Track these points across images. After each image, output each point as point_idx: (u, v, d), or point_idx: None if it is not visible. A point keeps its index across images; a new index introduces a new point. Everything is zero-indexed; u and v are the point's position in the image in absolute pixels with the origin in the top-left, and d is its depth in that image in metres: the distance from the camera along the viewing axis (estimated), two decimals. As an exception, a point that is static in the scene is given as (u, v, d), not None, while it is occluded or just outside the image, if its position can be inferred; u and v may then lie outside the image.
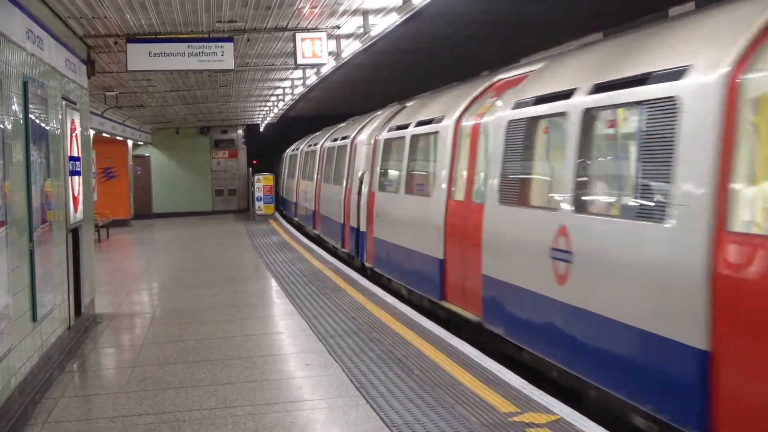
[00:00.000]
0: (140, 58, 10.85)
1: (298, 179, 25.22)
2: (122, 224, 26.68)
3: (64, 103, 8.65)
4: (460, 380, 6.51)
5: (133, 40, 10.84)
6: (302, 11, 10.21)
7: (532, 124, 7.25)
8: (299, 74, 17.30)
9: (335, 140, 18.25)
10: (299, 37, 11.13)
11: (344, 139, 16.81)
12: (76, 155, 9.35)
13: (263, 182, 29.24)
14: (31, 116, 6.77)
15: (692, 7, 6.63)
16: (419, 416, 5.67)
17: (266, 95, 22.15)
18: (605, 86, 5.98)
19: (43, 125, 7.37)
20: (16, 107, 6.39)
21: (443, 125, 9.69)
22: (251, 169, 31.37)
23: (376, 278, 12.78)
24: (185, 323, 9.75)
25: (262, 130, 35.22)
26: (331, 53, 12.60)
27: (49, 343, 7.45)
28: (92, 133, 15.97)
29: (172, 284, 13.99)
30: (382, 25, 10.88)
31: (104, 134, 22.70)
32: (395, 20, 10.55)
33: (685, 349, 4.70)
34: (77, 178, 9.42)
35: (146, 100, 21.01)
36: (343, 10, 10.26)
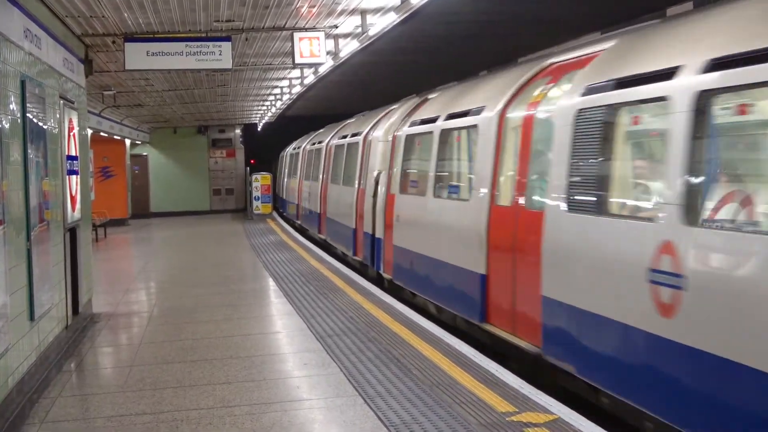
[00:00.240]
0: (138, 57, 10.84)
1: (300, 179, 24.07)
2: (120, 223, 26.69)
3: (61, 102, 8.65)
4: (458, 380, 6.51)
5: (130, 39, 10.84)
6: (300, 11, 10.21)
7: (611, 112, 6.07)
8: (297, 74, 17.31)
9: (344, 137, 17.02)
10: (297, 36, 11.13)
11: (355, 136, 15.65)
12: (73, 154, 9.34)
13: (261, 182, 29.21)
14: (28, 115, 6.76)
15: (690, 6, 6.61)
16: (417, 416, 5.67)
17: (264, 95, 22.15)
18: (733, 60, 4.66)
19: (40, 124, 7.36)
20: (13, 106, 6.38)
21: (484, 117, 8.44)
22: (249, 168, 31.35)
23: (395, 291, 11.39)
24: (183, 323, 9.74)
25: (259, 129, 35.23)
26: (329, 53, 12.60)
27: (46, 342, 7.44)
28: (90, 132, 15.95)
29: (169, 283, 13.97)
30: (380, 24, 10.88)
31: (102, 133, 22.71)
32: (393, 20, 10.55)
33: None
34: (75, 177, 9.41)
35: (144, 99, 21.00)
36: (341, 9, 10.27)
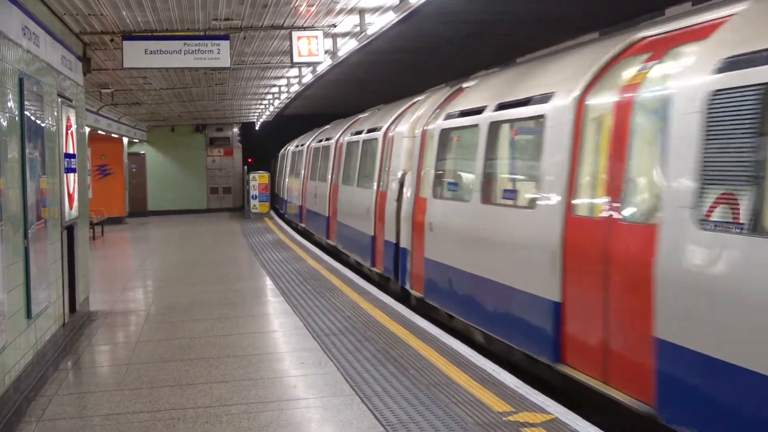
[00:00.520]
0: (136, 55, 10.84)
1: (305, 179, 22.44)
2: (117, 222, 26.67)
3: (59, 100, 8.64)
4: (454, 379, 6.52)
5: (129, 37, 10.84)
6: (299, 9, 10.21)
7: None
8: (295, 72, 17.31)
9: (358, 133, 15.45)
10: (295, 35, 11.13)
11: (372, 131, 14.18)
12: (71, 152, 9.34)
13: (258, 180, 29.19)
14: (26, 113, 6.76)
15: (689, 6, 6.61)
16: (414, 415, 5.67)
17: (262, 93, 22.14)
18: None
19: (38, 122, 7.36)
20: (11, 104, 6.38)
21: (555, 106, 6.89)
22: (246, 167, 31.35)
23: (425, 310, 10.00)
24: (180, 321, 9.74)
25: (257, 128, 35.21)
26: (327, 52, 12.60)
27: (43, 340, 7.44)
28: (87, 130, 15.94)
29: (166, 282, 13.97)
30: (378, 23, 10.89)
31: (99, 131, 22.69)
32: (392, 19, 10.56)
33: None
34: (72, 175, 9.41)
35: (142, 97, 20.99)
36: (339, 8, 10.27)
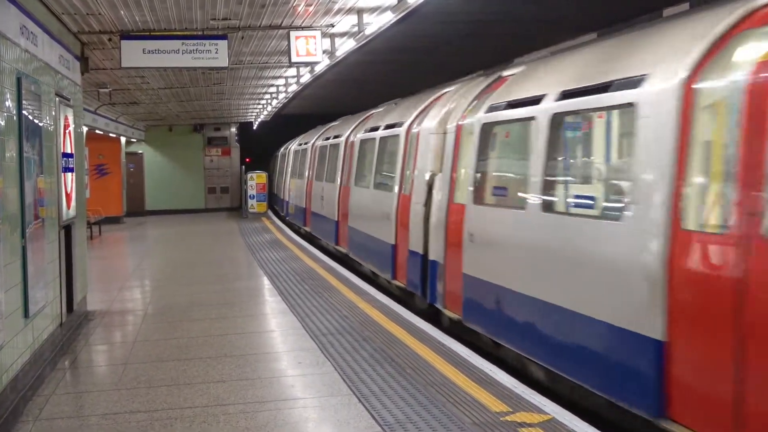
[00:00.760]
0: (134, 55, 10.83)
1: (310, 180, 21.22)
2: (115, 221, 26.64)
3: (57, 99, 8.63)
4: (452, 379, 6.52)
5: (127, 36, 10.84)
6: (297, 9, 10.21)
7: None
8: (293, 72, 17.31)
9: (373, 130, 14.19)
10: (293, 35, 11.14)
11: (392, 128, 12.81)
12: (69, 152, 9.33)
13: (256, 180, 29.18)
14: (24, 112, 6.75)
15: (686, 7, 6.63)
16: (411, 415, 5.68)
17: (260, 93, 22.14)
18: None
19: (36, 121, 7.35)
20: (9, 103, 6.37)
21: (651, 92, 5.55)
22: (244, 167, 31.34)
23: (459, 331, 8.79)
24: (177, 321, 9.74)
25: (255, 128, 35.20)
26: (325, 51, 12.60)
27: (40, 340, 7.43)
28: (85, 129, 15.93)
29: (164, 282, 13.97)
30: (376, 23, 10.90)
31: (97, 131, 22.68)
32: (390, 19, 10.57)
33: None
34: (70, 174, 9.40)
35: (139, 97, 20.98)
36: (337, 8, 10.27)
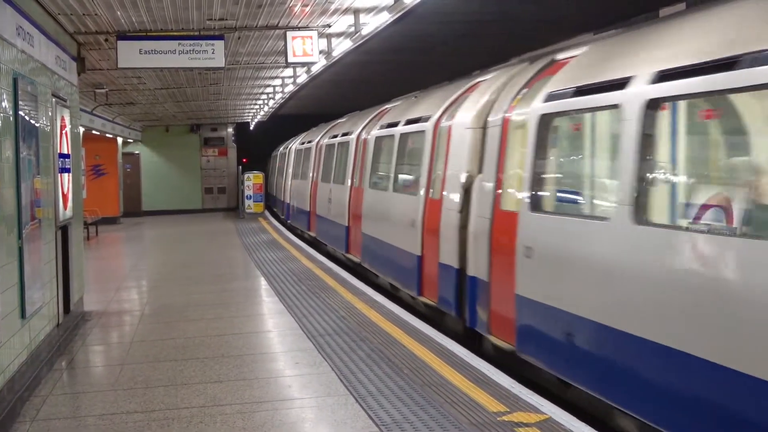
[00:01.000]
0: (130, 55, 10.83)
1: (314, 181, 19.74)
2: (111, 222, 26.62)
3: (54, 100, 8.62)
4: (449, 379, 6.53)
5: (123, 37, 10.83)
6: (293, 10, 10.21)
7: None
8: (290, 72, 17.30)
9: (391, 126, 12.54)
10: (290, 35, 11.14)
11: (414, 123, 11.17)
12: (65, 152, 9.32)
13: (253, 180, 29.18)
14: (21, 113, 6.75)
15: (683, 7, 6.64)
16: (408, 415, 5.68)
17: (256, 93, 22.13)
18: None
19: (33, 122, 7.35)
20: (6, 104, 6.37)
21: None
22: (241, 167, 31.33)
23: (500, 357, 7.65)
24: (174, 321, 9.73)
25: (252, 128, 35.20)
26: (321, 52, 12.61)
27: (37, 340, 7.43)
28: (82, 130, 15.92)
29: (161, 282, 13.95)
30: (373, 24, 10.90)
31: (94, 131, 22.66)
32: (386, 19, 10.57)
33: None
34: (67, 175, 9.39)
35: (136, 97, 20.97)
36: (334, 8, 10.27)
